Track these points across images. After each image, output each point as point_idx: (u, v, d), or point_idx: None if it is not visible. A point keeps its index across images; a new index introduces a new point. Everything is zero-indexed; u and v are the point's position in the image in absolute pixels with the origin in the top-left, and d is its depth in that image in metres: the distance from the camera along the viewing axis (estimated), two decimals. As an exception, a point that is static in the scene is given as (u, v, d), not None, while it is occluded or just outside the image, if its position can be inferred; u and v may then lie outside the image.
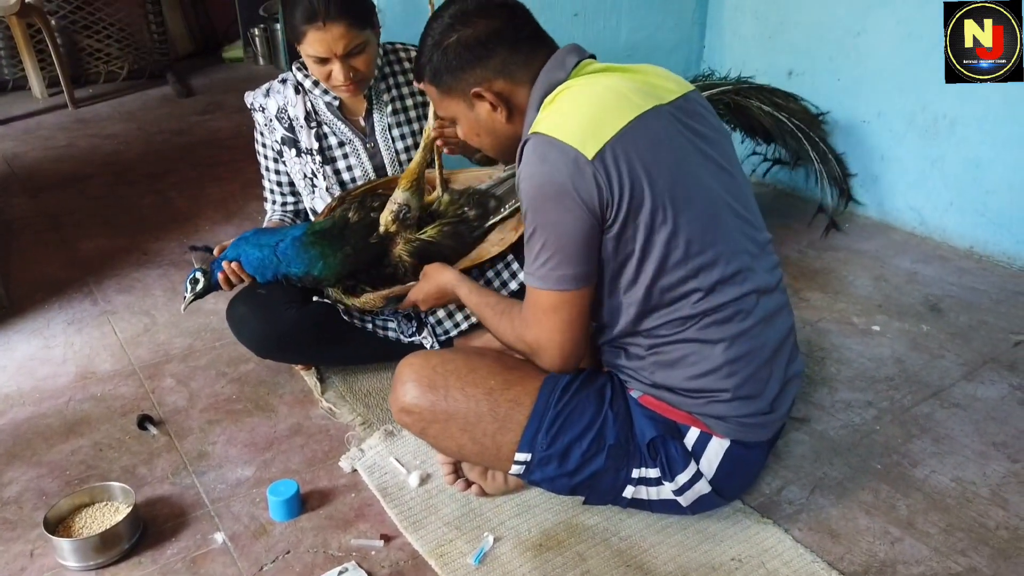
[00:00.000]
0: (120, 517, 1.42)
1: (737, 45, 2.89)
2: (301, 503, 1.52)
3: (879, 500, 1.53)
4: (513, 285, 1.81)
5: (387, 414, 1.77)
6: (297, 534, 1.46)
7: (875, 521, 1.48)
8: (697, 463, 1.34)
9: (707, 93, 2.43)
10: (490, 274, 1.82)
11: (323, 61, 1.67)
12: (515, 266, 1.82)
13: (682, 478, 1.34)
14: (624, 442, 1.33)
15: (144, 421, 1.74)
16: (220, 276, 1.64)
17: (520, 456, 1.36)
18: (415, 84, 1.59)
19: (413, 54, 1.90)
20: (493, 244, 1.76)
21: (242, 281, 1.67)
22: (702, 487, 1.35)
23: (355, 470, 1.62)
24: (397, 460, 1.62)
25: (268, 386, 1.88)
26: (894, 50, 2.53)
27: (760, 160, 2.82)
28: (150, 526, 1.47)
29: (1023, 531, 1.45)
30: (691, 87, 1.36)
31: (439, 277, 1.58)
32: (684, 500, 1.37)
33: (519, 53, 1.29)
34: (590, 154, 1.18)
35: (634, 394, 1.36)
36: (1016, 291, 2.26)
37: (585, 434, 1.32)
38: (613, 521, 1.47)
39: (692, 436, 1.33)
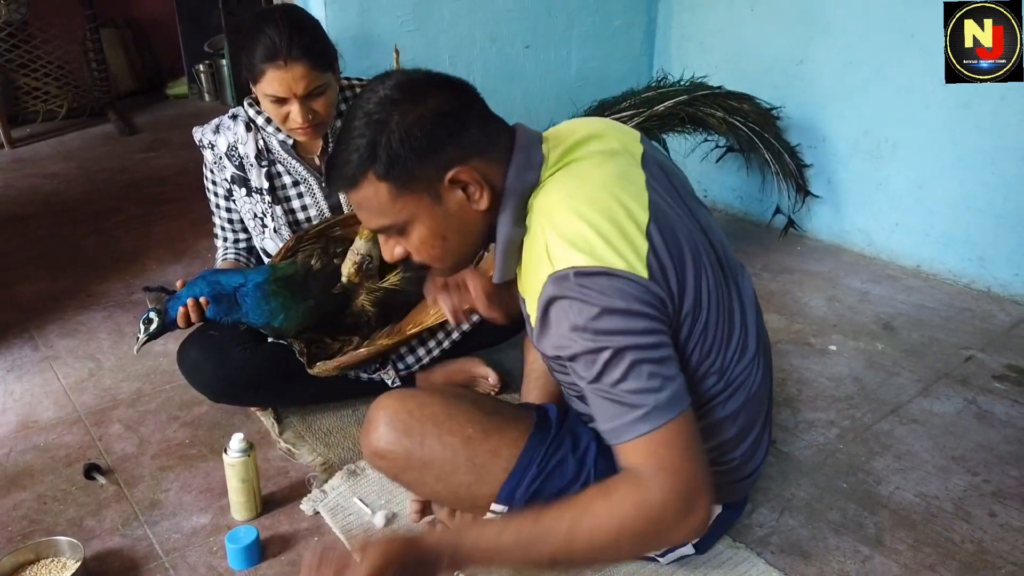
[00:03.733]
0: (68, 574, 1.34)
1: (685, 75, 2.93)
2: (261, 550, 1.45)
3: (847, 519, 1.54)
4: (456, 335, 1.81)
5: (349, 453, 1.72)
6: (258, 583, 1.40)
7: (844, 540, 1.49)
8: None
9: (663, 106, 2.44)
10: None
11: (281, 101, 1.62)
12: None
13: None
14: None
15: (91, 470, 1.66)
16: (180, 311, 1.58)
17: (496, 507, 1.31)
18: (343, 195, 1.49)
19: None
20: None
21: (201, 319, 1.62)
22: (686, 550, 1.34)
23: (317, 512, 1.56)
24: (361, 500, 1.57)
25: (223, 428, 1.81)
26: (836, 78, 2.61)
27: (710, 148, 2.81)
28: (100, 582, 1.40)
29: (987, 544, 1.47)
30: (638, 134, 1.24)
31: (413, 545, 1.05)
32: (664, 560, 1.36)
33: (488, 126, 1.09)
34: (644, 272, 1.01)
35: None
36: (963, 307, 2.33)
37: (565, 492, 1.28)
38: (585, 553, 1.44)
39: None
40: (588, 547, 0.99)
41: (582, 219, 1.02)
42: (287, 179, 1.79)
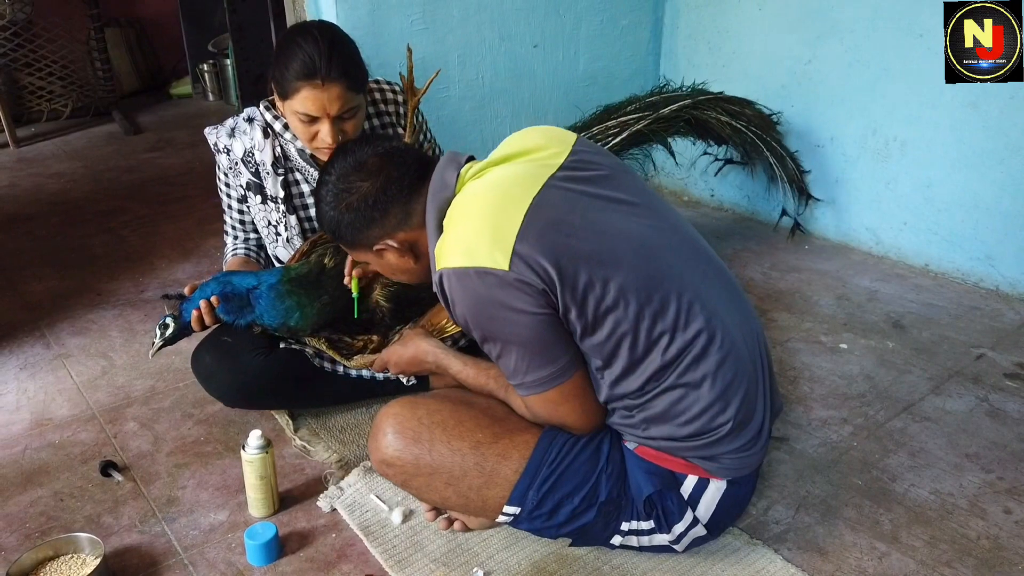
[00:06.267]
0: (88, 570, 1.34)
1: (692, 74, 2.95)
2: (280, 546, 1.45)
3: (863, 516, 1.54)
4: None
5: (363, 450, 1.73)
6: (278, 579, 1.40)
7: (861, 537, 1.49)
8: (694, 511, 1.31)
9: (667, 110, 2.46)
10: None
11: (312, 120, 1.58)
12: None
13: (679, 528, 1.32)
14: (616, 497, 1.31)
15: (107, 467, 1.66)
16: (194, 313, 1.58)
17: (509, 509, 1.34)
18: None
19: (387, 92, 1.85)
20: None
21: (215, 322, 1.61)
22: (698, 531, 1.34)
23: (334, 509, 1.56)
24: (378, 497, 1.57)
25: (237, 426, 1.81)
26: (843, 77, 2.62)
27: (711, 160, 2.85)
28: (120, 578, 1.40)
29: (1003, 540, 1.48)
30: (575, 137, 1.34)
31: (418, 345, 1.54)
32: (680, 546, 1.36)
33: (412, 200, 1.30)
34: (504, 264, 1.17)
35: (630, 445, 1.33)
36: (972, 306, 2.33)
37: (577, 491, 1.30)
38: (603, 550, 1.44)
39: (689, 484, 1.31)
40: (509, 404, 1.39)
41: (466, 222, 1.23)
42: (304, 187, 1.77)
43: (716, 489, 1.31)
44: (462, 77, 2.68)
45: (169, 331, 1.60)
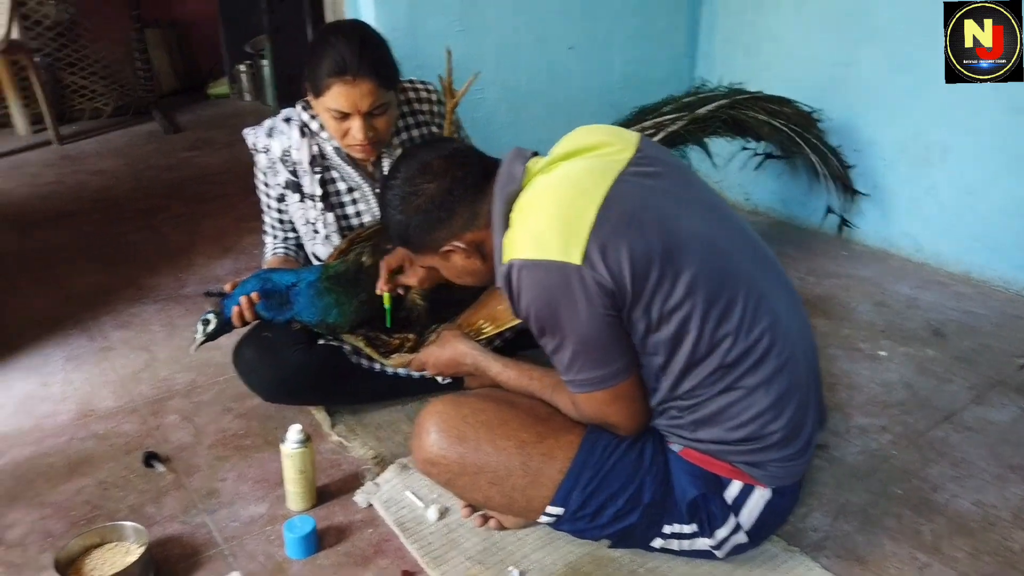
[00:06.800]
0: (132, 558, 1.37)
1: (727, 77, 2.93)
2: (318, 540, 1.47)
3: (903, 525, 1.52)
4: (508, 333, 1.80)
5: (399, 447, 1.74)
6: (316, 572, 1.42)
7: (901, 547, 1.47)
8: (737, 516, 1.30)
9: (704, 110, 2.44)
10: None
11: (344, 117, 1.62)
12: None
13: (721, 533, 1.31)
14: (660, 500, 1.31)
15: (150, 458, 1.69)
16: (235, 309, 1.61)
17: (552, 510, 1.34)
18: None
19: (422, 91, 1.87)
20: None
21: (256, 317, 1.64)
22: (740, 538, 1.33)
23: (371, 505, 1.58)
24: (414, 494, 1.59)
25: (276, 420, 1.84)
26: (884, 81, 2.59)
27: (750, 155, 2.81)
28: (163, 567, 1.42)
29: (1048, 553, 1.45)
30: (638, 135, 1.33)
31: (455, 347, 1.54)
32: (720, 552, 1.35)
33: (477, 201, 1.29)
34: (577, 259, 1.16)
35: (675, 447, 1.32)
36: (1015, 315, 2.29)
37: (621, 493, 1.30)
38: (639, 552, 1.43)
39: (734, 489, 1.30)
40: (553, 404, 1.40)
41: (537, 214, 1.22)
42: (341, 185, 1.79)
43: (760, 496, 1.30)
44: (498, 79, 2.69)
45: (211, 327, 1.63)
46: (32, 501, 1.59)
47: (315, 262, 1.86)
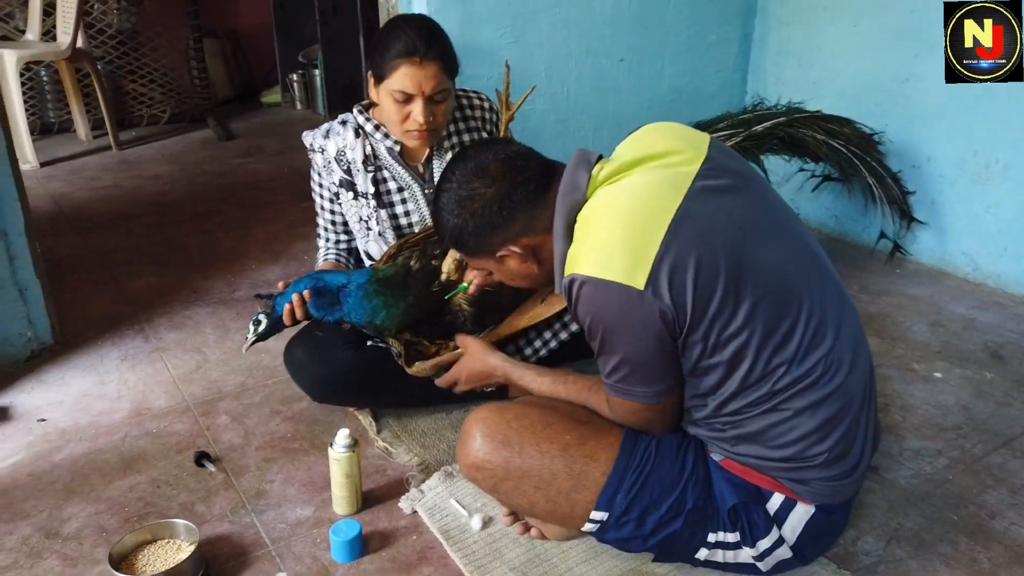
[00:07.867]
0: (184, 555, 1.39)
1: (780, 90, 2.90)
2: (363, 544, 1.48)
3: (959, 552, 1.48)
4: (554, 344, 1.81)
5: (444, 455, 1.75)
6: (361, 576, 1.43)
7: (957, 573, 1.43)
8: (779, 529, 1.28)
9: (761, 127, 2.42)
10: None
11: (407, 99, 1.67)
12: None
13: (764, 544, 1.29)
14: (703, 506, 1.29)
15: (201, 458, 1.72)
16: (286, 308, 1.64)
17: (596, 515, 1.32)
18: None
19: (475, 99, 1.91)
20: (547, 304, 1.74)
21: (306, 317, 1.67)
22: (783, 552, 1.30)
23: (415, 511, 1.59)
24: (458, 502, 1.59)
25: (323, 425, 1.86)
26: (943, 96, 2.53)
27: (807, 176, 2.76)
28: (212, 565, 1.44)
29: (1114, 587, 1.39)
30: (708, 138, 1.29)
31: (485, 361, 1.58)
32: (764, 565, 1.32)
33: (536, 205, 1.27)
34: (641, 284, 1.14)
35: (715, 456, 1.31)
36: (1078, 339, 2.22)
37: (664, 497, 1.28)
38: (684, 568, 1.42)
39: (776, 502, 1.28)
40: (587, 406, 1.41)
41: (604, 231, 1.19)
42: (392, 185, 1.83)
43: (804, 511, 1.27)
44: (548, 90, 2.70)
45: (262, 327, 1.66)
46: (88, 496, 1.63)
47: (367, 261, 1.90)
